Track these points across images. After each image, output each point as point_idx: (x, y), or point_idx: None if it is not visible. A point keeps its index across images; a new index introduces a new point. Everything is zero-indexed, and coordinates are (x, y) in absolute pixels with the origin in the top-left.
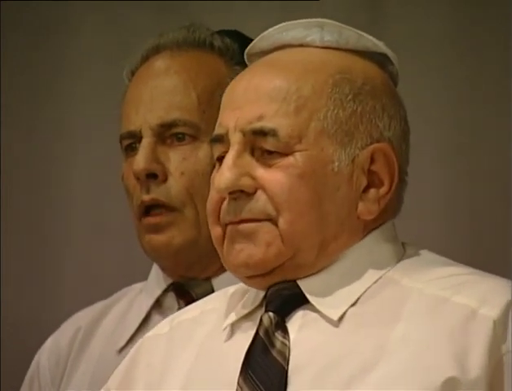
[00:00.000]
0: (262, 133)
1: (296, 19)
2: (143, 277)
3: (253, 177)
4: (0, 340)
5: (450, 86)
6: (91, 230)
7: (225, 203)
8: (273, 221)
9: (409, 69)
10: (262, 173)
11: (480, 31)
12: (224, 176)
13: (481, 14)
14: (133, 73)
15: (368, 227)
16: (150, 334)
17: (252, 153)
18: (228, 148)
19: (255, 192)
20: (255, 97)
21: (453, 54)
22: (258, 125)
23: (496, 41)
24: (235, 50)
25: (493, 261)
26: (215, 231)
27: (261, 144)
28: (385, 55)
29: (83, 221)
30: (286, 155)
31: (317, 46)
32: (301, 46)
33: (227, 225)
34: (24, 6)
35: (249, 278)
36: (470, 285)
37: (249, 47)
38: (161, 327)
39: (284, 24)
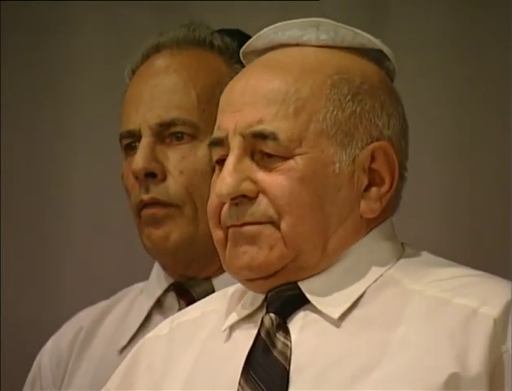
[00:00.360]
0: (262, 136)
1: (295, 19)
2: (144, 277)
3: (255, 181)
4: (0, 340)
5: (450, 86)
6: (91, 230)
7: (226, 206)
8: (275, 224)
9: (409, 69)
10: (263, 176)
11: (480, 31)
12: (225, 181)
13: (481, 14)
14: (133, 72)
15: (370, 226)
16: (150, 335)
17: (252, 157)
18: (228, 151)
19: (257, 196)
20: (253, 99)
21: (453, 54)
22: (258, 128)
23: (496, 41)
24: (234, 49)
25: (493, 261)
26: (217, 234)
27: (261, 147)
28: (381, 52)
29: (83, 221)
30: (287, 158)
31: (313, 45)
32: (297, 45)
33: (228, 227)
34: (24, 6)
35: (251, 281)
36: (470, 286)
37: (244, 46)
38: (161, 328)
39: (280, 23)
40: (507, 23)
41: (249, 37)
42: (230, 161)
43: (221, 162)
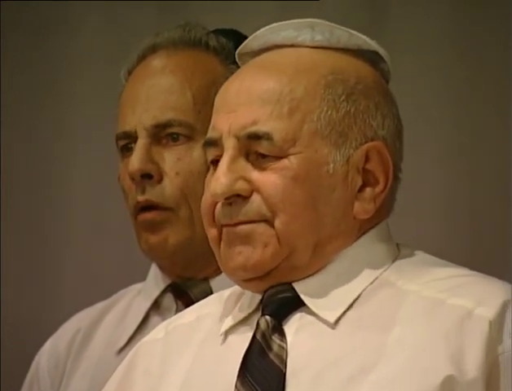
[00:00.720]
0: (256, 137)
1: (290, 20)
2: (143, 277)
3: (249, 181)
4: (0, 340)
5: (450, 86)
6: (91, 230)
7: (219, 204)
8: (269, 222)
9: (409, 69)
10: (257, 175)
11: (480, 31)
12: (220, 181)
13: (481, 14)
14: (130, 73)
15: (364, 227)
16: (146, 339)
17: (246, 157)
18: (222, 152)
19: (251, 195)
20: (248, 100)
21: (453, 54)
22: (252, 129)
23: (496, 41)
24: (230, 50)
25: (493, 261)
26: (211, 233)
27: (255, 148)
28: (376, 53)
29: (83, 221)
30: (281, 158)
31: (308, 46)
32: (292, 46)
33: (222, 226)
34: (24, 6)
35: (246, 282)
36: (466, 287)
37: (240, 47)
38: (157, 331)
39: (275, 24)
40: (507, 23)
41: (245, 37)
42: (224, 162)
43: (215, 162)
